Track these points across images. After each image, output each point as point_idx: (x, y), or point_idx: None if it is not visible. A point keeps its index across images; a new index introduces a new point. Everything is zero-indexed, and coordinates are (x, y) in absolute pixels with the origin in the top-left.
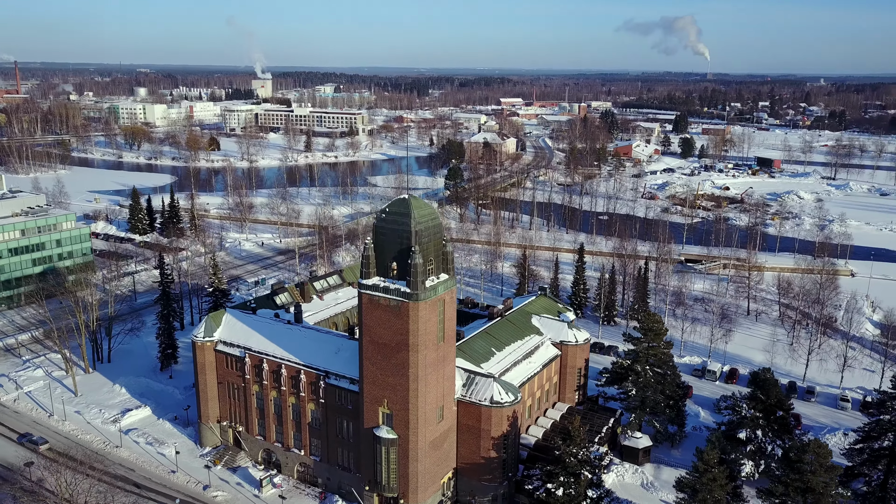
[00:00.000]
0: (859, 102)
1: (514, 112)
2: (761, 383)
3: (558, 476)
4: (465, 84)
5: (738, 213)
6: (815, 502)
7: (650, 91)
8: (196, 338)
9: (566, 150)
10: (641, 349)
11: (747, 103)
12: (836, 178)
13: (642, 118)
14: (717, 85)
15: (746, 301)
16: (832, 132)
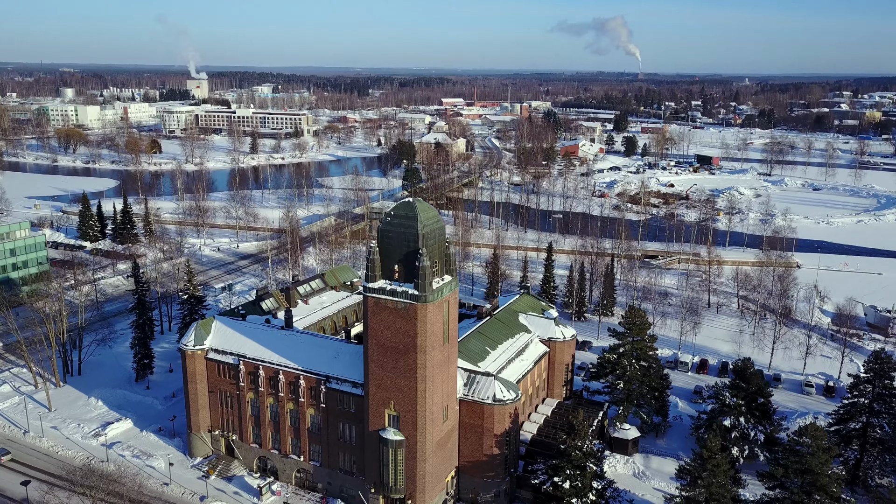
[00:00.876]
0: (784, 101)
1: (458, 112)
2: (742, 373)
3: (564, 469)
4: (405, 84)
5: (686, 210)
6: (812, 482)
7: (587, 91)
8: (186, 346)
9: (515, 150)
10: (627, 343)
11: (681, 102)
12: (771, 174)
13: (583, 118)
14: (649, 84)
15: (707, 294)
16: (762, 130)
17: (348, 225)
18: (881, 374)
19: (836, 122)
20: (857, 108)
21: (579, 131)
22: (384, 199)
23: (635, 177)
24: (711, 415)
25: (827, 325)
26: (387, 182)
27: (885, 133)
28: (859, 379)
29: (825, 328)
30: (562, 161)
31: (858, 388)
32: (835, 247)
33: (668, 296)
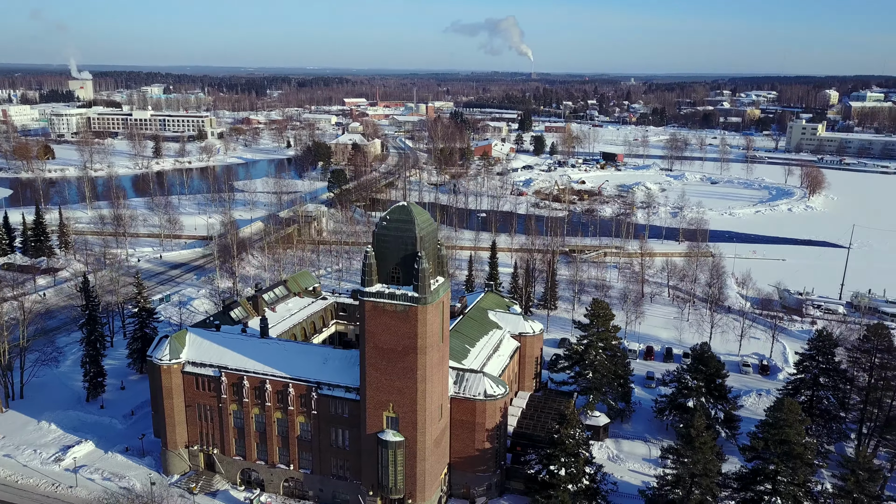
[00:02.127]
0: (672, 100)
1: (364, 113)
2: (701, 356)
3: (559, 457)
4: (304, 84)
5: (601, 205)
6: (789, 452)
7: (486, 91)
8: (161, 361)
9: (429, 151)
10: (593, 335)
11: (578, 101)
12: (672, 169)
13: (488, 118)
14: (543, 84)
15: (641, 285)
16: (656, 127)
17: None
18: (824, 350)
19: (722, 120)
20: (737, 105)
21: (486, 131)
22: (310, 200)
23: (548, 175)
24: (672, 397)
25: (749, 308)
26: (309, 184)
27: (765, 129)
28: (804, 356)
29: (748, 312)
30: (479, 161)
31: (804, 364)
32: (741, 236)
33: (604, 288)
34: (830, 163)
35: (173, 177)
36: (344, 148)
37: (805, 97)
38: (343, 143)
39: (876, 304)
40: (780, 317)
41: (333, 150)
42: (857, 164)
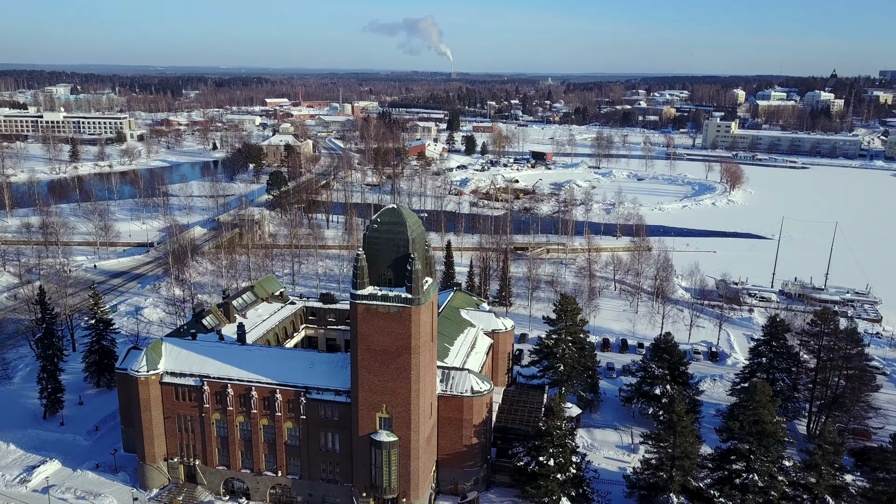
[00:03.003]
0: (592, 99)
1: (288, 113)
2: (665, 346)
3: (547, 448)
4: (222, 84)
5: (536, 203)
6: (762, 431)
7: (409, 91)
8: (138, 373)
9: (362, 151)
10: (562, 329)
11: (502, 101)
12: (600, 167)
13: (416, 118)
14: (465, 84)
15: (588, 280)
16: (579, 126)
17: (241, 230)
18: (777, 336)
19: (641, 118)
20: (653, 104)
21: (415, 131)
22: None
23: (483, 174)
24: (637, 386)
25: (690, 299)
26: (245, 187)
27: (681, 127)
28: (759, 341)
29: (694, 302)
30: (416, 161)
31: (759, 349)
32: (673, 230)
33: (556, 284)
34: (744, 159)
35: (95, 182)
36: (276, 149)
37: (715, 96)
38: (275, 144)
39: (805, 292)
40: (720, 306)
41: (265, 152)
42: (768, 160)
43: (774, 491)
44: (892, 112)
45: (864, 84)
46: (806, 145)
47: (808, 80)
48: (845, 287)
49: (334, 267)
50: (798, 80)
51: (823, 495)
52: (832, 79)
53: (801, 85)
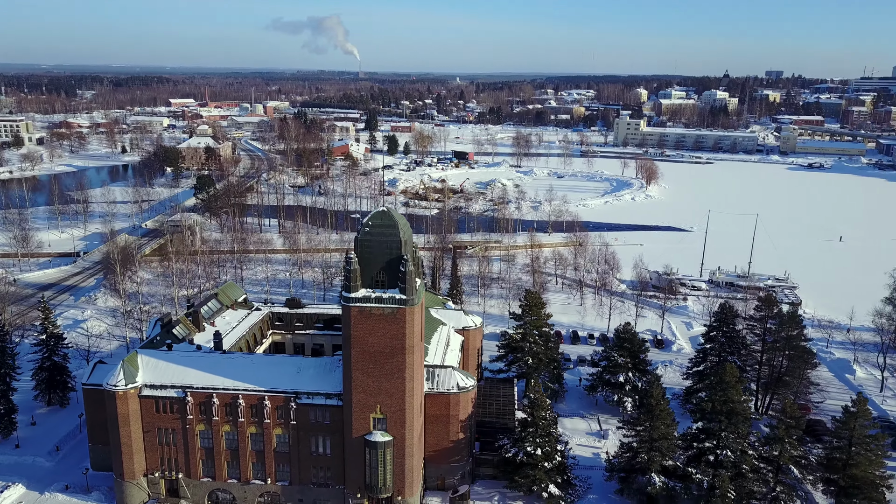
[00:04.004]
0: (504, 99)
1: (197, 114)
2: (625, 335)
3: (534, 438)
4: (120, 84)
5: (467, 202)
6: (732, 409)
7: (319, 90)
8: (115, 387)
9: (282, 152)
10: (528, 323)
11: (415, 101)
12: (521, 165)
13: (331, 118)
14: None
15: (532, 276)
16: (494, 126)
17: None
18: (726, 321)
19: (553, 117)
20: (562, 103)
21: (334, 131)
22: (174, 207)
23: (409, 174)
24: (600, 374)
25: (625, 290)
26: (168, 192)
27: (592, 125)
28: (710, 327)
29: (634, 294)
30: (343, 162)
31: (710, 334)
32: (602, 225)
33: (500, 280)
34: (653, 155)
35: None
36: (195, 152)
37: (620, 95)
38: (193, 146)
39: (731, 279)
40: (656, 296)
41: (184, 155)
42: (675, 156)
43: (746, 465)
44: (781, 110)
45: (753, 83)
46: (709, 141)
47: (703, 79)
48: (766, 274)
49: (279, 272)
50: (694, 79)
51: (788, 465)
52: (725, 78)
53: (698, 84)
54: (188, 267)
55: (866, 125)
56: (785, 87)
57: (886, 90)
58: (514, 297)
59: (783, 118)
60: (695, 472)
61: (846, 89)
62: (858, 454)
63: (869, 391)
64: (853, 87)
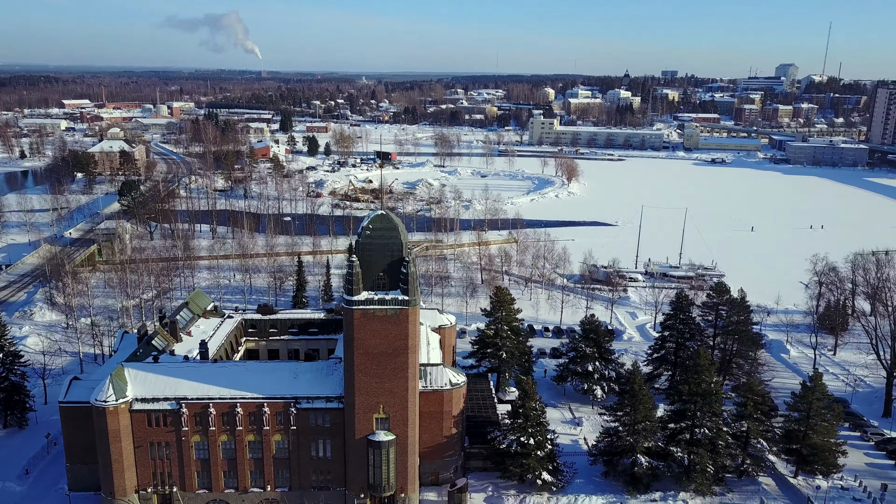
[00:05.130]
0: (416, 98)
1: (98, 116)
2: (591, 327)
3: (526, 428)
4: (3, 84)
5: (397, 203)
6: (706, 391)
7: (223, 90)
8: (106, 403)
9: (199, 155)
10: (499, 319)
11: (326, 101)
12: (444, 165)
13: (242, 118)
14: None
15: (480, 273)
16: (410, 125)
17: (99, 246)
18: (683, 309)
19: (468, 117)
20: (473, 103)
21: (248, 133)
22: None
23: (334, 175)
24: (566, 365)
25: (565, 284)
26: (87, 198)
27: (506, 125)
28: (668, 316)
29: (579, 287)
30: (268, 164)
31: (668, 322)
32: (532, 222)
33: (449, 279)
34: (568, 153)
35: None
36: (107, 156)
37: (529, 95)
38: (106, 150)
39: (664, 270)
40: (599, 288)
41: (97, 159)
42: (589, 154)
43: (721, 440)
44: (681, 108)
45: (652, 83)
46: (619, 139)
47: (605, 78)
48: (696, 264)
49: (222, 278)
50: (597, 79)
51: (757, 439)
52: (626, 78)
53: (601, 84)
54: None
55: (757, 122)
56: (681, 87)
57: (771, 88)
58: (470, 295)
59: (683, 116)
60: (676, 450)
61: (736, 88)
62: (816, 424)
63: (804, 368)
64: (742, 86)
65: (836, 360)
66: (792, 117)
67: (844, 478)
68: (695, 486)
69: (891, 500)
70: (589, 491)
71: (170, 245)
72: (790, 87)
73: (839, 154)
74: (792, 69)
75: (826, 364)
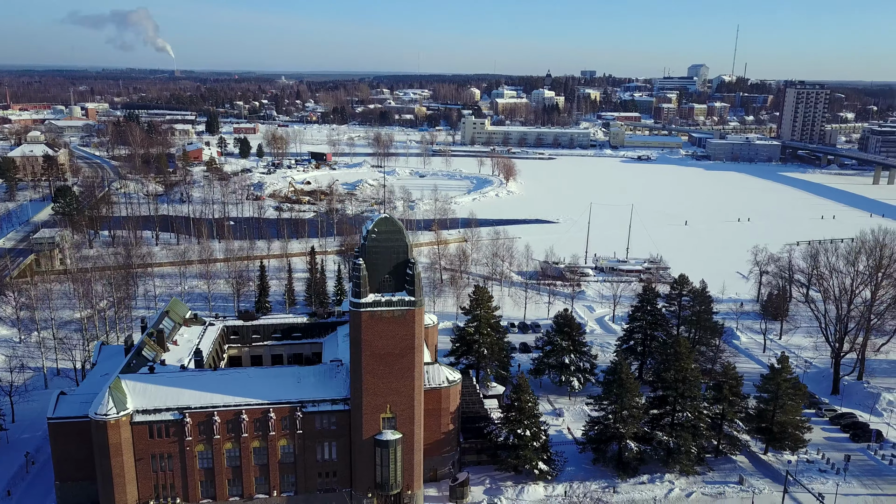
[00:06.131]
0: (342, 98)
1: (6, 118)
2: (565, 321)
3: (522, 420)
4: None
5: (340, 204)
6: (684, 377)
7: (137, 90)
8: (107, 416)
9: (123, 159)
10: (480, 317)
11: (250, 101)
12: (382, 165)
13: (165, 120)
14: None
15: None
16: (339, 125)
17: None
18: (649, 300)
19: (397, 117)
20: (400, 103)
21: (173, 134)
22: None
23: (271, 177)
24: (542, 358)
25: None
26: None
27: (435, 125)
28: (636, 307)
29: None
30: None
31: (636, 314)
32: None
33: None
34: (501, 153)
35: None
36: (28, 160)
37: (455, 94)
38: (27, 154)
39: (612, 265)
40: (554, 284)
41: (19, 165)
42: (521, 153)
43: (702, 423)
44: (603, 107)
45: (573, 83)
46: (549, 138)
47: (528, 78)
48: (642, 258)
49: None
50: (521, 78)
51: (733, 419)
52: (548, 77)
53: (525, 83)
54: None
55: (675, 120)
56: (601, 86)
57: (685, 88)
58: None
59: (606, 115)
60: (661, 434)
61: (653, 88)
62: (784, 404)
63: (755, 352)
64: (658, 85)
65: (783, 345)
66: (707, 115)
67: (808, 452)
68: (679, 466)
69: (853, 469)
70: (581, 477)
71: (113, 252)
72: (702, 86)
73: (755, 150)
74: (703, 69)
75: (774, 349)
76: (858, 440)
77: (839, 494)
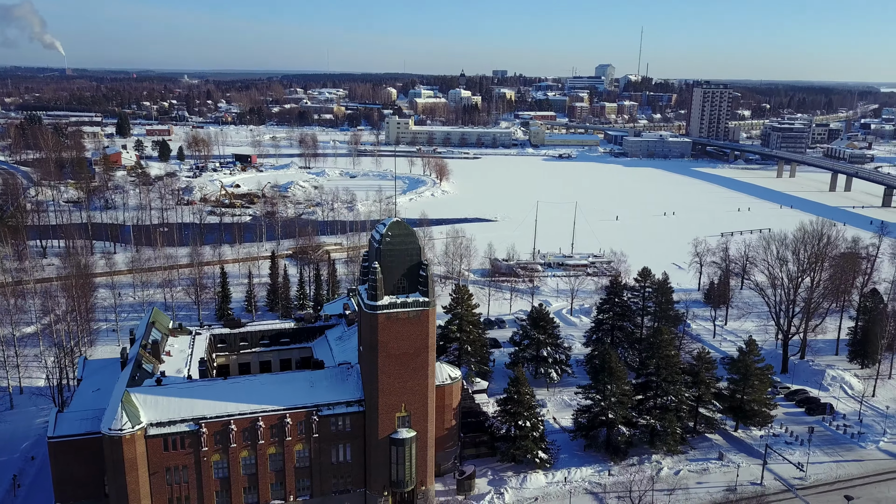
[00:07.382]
0: (257, 98)
1: None
2: (539, 315)
3: (522, 413)
4: None
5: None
6: (668, 364)
7: (29, 90)
8: (121, 431)
9: (31, 163)
10: (458, 315)
11: (158, 101)
12: (310, 166)
13: (70, 122)
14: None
15: None
16: (257, 126)
17: None
18: (617, 293)
19: (316, 117)
20: (316, 102)
21: (81, 137)
22: None
23: (197, 181)
24: (519, 352)
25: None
26: None
27: (356, 125)
28: (603, 300)
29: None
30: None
31: (604, 306)
32: (412, 221)
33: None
34: (427, 152)
35: None
36: None
37: (372, 94)
38: None
39: (559, 260)
40: (506, 280)
41: None
42: (446, 153)
43: (685, 405)
44: (520, 107)
45: (486, 82)
46: (472, 138)
47: (443, 78)
48: (586, 252)
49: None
50: (435, 78)
51: (710, 401)
52: (462, 77)
53: (440, 83)
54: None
55: (588, 119)
56: (514, 86)
57: (594, 87)
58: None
59: (524, 114)
60: (648, 418)
61: (563, 87)
62: (753, 384)
63: (705, 338)
64: (569, 84)
65: (730, 329)
66: (617, 114)
67: (773, 427)
68: (665, 447)
69: (814, 440)
70: (576, 464)
71: (60, 265)
72: (610, 85)
73: (668, 147)
74: (610, 69)
75: (723, 333)
76: (813, 413)
77: (809, 463)
